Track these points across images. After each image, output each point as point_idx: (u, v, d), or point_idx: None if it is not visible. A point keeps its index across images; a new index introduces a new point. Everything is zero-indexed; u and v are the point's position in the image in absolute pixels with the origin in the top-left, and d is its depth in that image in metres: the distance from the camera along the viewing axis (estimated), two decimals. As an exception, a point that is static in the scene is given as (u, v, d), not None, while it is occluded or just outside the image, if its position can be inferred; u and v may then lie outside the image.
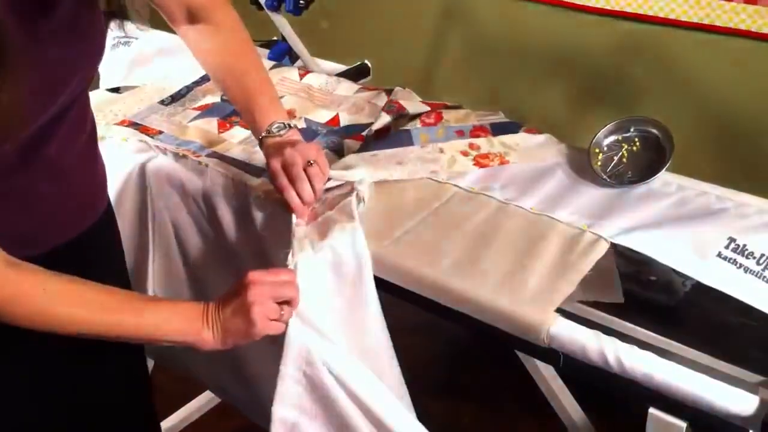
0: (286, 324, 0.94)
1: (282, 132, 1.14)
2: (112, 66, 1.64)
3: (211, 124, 1.41)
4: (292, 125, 1.15)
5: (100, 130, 1.30)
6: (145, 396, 1.27)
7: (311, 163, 1.08)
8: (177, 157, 1.29)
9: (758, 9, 1.90)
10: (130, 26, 0.99)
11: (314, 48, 1.82)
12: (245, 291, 0.91)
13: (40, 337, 0.89)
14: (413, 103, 1.38)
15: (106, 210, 1.14)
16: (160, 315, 0.93)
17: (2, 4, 0.76)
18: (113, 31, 1.00)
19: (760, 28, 1.92)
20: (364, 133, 1.33)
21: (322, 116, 1.43)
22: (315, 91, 1.50)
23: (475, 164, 1.25)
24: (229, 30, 1.20)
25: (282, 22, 1.73)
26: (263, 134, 1.14)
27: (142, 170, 1.31)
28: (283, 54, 1.80)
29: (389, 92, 1.44)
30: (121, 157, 1.33)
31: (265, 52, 1.82)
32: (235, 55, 1.19)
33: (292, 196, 1.07)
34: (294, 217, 1.07)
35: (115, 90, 1.63)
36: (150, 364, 1.60)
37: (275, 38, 1.86)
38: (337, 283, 1.02)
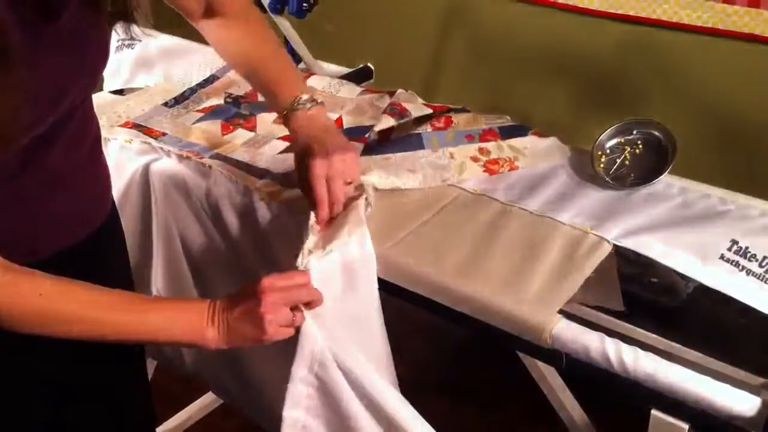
0: (296, 329, 0.93)
1: (309, 106, 1.10)
2: (115, 68, 1.64)
3: (215, 126, 1.41)
4: (319, 101, 1.12)
5: (104, 132, 1.31)
6: (146, 397, 1.27)
7: (349, 183, 1.07)
8: (180, 158, 1.30)
9: (761, 12, 1.90)
10: (134, 29, 0.99)
11: (317, 51, 1.83)
12: (258, 298, 0.90)
13: (36, 341, 0.89)
14: (415, 105, 1.38)
15: (110, 212, 1.14)
16: (162, 315, 0.92)
17: (3, 5, 0.76)
18: (117, 34, 1.00)
19: (764, 31, 1.92)
20: (366, 135, 1.34)
21: None
22: (318, 94, 1.50)
23: (485, 170, 1.25)
24: (249, 19, 1.20)
25: (285, 25, 1.74)
26: (289, 106, 1.10)
27: (146, 172, 1.31)
28: (286, 56, 1.80)
29: (392, 94, 1.44)
30: (124, 158, 1.33)
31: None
32: (257, 42, 1.19)
33: (324, 212, 1.04)
34: (312, 221, 1.05)
35: (119, 92, 1.64)
36: (152, 364, 1.61)
37: (278, 40, 1.87)
38: (344, 285, 1.03)
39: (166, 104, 1.51)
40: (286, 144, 1.35)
